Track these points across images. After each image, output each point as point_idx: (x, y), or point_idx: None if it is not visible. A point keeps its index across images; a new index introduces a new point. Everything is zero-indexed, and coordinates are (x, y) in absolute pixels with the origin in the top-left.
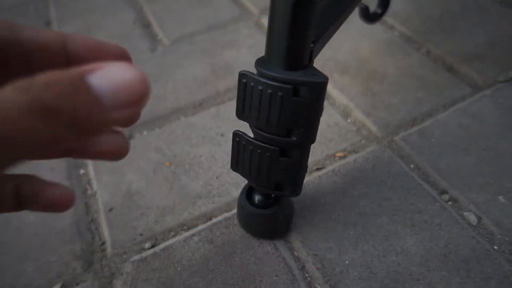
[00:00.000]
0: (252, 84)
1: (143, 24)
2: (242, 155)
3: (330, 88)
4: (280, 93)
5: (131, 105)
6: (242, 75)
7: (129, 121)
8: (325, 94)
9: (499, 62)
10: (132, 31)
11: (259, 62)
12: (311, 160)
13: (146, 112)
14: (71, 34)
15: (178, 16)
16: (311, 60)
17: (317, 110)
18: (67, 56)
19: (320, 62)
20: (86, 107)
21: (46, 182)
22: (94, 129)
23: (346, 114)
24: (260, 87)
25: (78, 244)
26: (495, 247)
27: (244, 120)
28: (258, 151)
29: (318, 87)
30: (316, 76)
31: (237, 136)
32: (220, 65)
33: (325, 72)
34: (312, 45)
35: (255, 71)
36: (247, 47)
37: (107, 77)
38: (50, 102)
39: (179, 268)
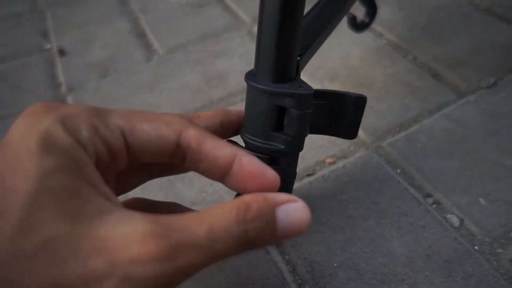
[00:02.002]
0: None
1: (139, 34)
2: None
3: None
4: None
5: (290, 237)
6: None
7: None
8: (311, 105)
9: (481, 69)
10: (128, 41)
11: (249, 75)
12: (302, 166)
13: None
14: (243, 152)
15: (172, 26)
16: (298, 72)
17: (304, 120)
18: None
19: (310, 70)
20: (263, 235)
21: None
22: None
23: None
24: None
25: None
26: (476, 248)
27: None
28: None
29: (304, 98)
30: (302, 88)
31: None
32: (213, 75)
33: (316, 79)
34: (298, 58)
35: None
36: (239, 56)
37: (289, 213)
38: (252, 235)
39: None
